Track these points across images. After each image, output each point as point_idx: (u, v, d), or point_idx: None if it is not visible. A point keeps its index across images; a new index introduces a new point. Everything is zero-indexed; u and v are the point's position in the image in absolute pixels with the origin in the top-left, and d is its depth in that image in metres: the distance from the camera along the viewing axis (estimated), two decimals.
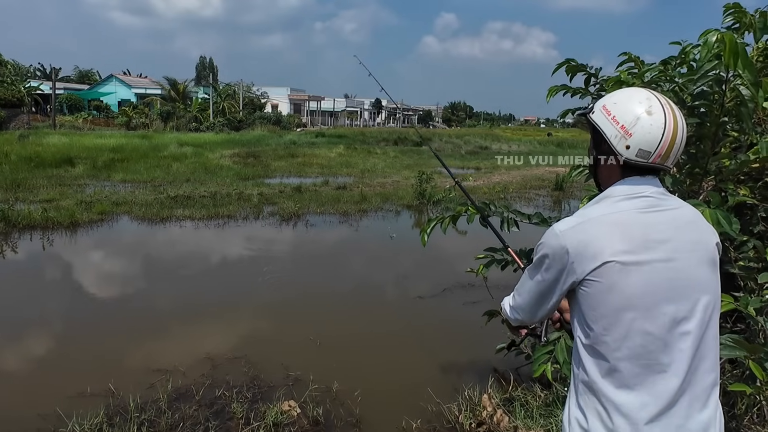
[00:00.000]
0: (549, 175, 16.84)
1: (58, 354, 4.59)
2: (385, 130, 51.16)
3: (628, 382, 1.23)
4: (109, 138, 23.98)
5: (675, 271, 1.24)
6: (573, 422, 1.32)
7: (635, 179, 1.31)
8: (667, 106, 1.28)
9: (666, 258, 1.24)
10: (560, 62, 3.57)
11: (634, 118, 1.27)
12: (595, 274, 1.24)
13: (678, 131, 1.27)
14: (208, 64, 76.68)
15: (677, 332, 1.23)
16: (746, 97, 2.09)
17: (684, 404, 1.23)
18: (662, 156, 1.27)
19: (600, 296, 1.25)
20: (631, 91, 1.35)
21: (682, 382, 1.22)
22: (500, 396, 3.54)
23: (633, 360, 1.22)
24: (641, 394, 1.22)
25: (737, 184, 2.84)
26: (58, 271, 6.95)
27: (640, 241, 1.24)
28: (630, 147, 1.28)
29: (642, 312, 1.22)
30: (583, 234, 1.27)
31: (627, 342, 1.22)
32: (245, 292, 6.15)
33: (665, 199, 1.31)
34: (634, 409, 1.22)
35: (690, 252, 1.27)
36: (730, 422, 2.78)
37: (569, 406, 1.36)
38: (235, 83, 48.14)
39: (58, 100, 37.26)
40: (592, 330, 1.27)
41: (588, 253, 1.25)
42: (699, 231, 1.31)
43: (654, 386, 1.22)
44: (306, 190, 12.89)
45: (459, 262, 6.76)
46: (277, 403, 3.57)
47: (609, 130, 1.31)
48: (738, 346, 2.04)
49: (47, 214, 8.86)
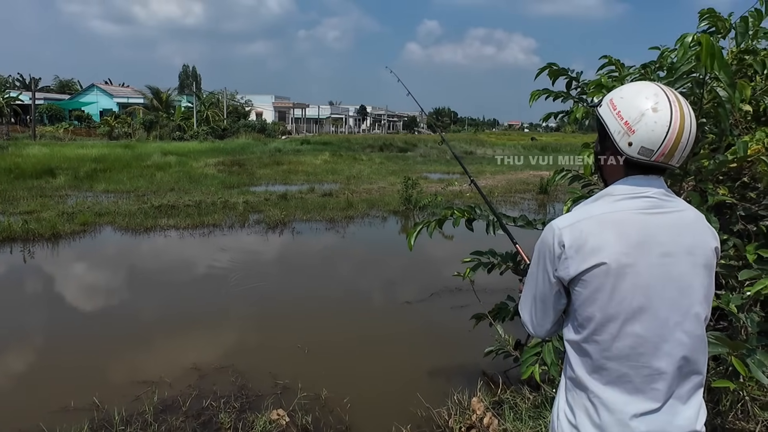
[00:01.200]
0: (533, 179, 16.97)
1: (40, 368, 4.49)
2: (370, 136, 51.30)
3: (616, 381, 1.24)
4: (91, 148, 23.66)
5: (670, 275, 1.23)
6: (561, 417, 1.33)
7: (638, 178, 1.28)
8: (676, 104, 1.23)
9: (662, 262, 1.23)
10: (542, 67, 3.61)
11: (639, 115, 1.23)
12: (589, 274, 1.23)
13: (684, 130, 1.22)
14: (191, 72, 76.22)
15: (668, 336, 1.23)
16: (723, 98, 2.14)
17: (670, 402, 1.24)
18: (666, 155, 1.23)
19: (593, 296, 1.24)
20: (641, 85, 1.30)
21: (669, 384, 1.23)
22: (489, 399, 3.54)
23: (622, 360, 1.23)
24: (628, 392, 1.23)
25: (716, 184, 2.89)
26: (39, 283, 6.82)
27: (637, 244, 1.22)
28: (632, 144, 1.24)
29: (634, 315, 1.22)
30: (580, 232, 1.25)
31: (617, 343, 1.23)
32: (232, 300, 6.09)
33: (667, 201, 1.28)
34: (620, 406, 1.23)
35: (686, 256, 1.25)
36: (714, 419, 2.82)
37: (558, 401, 1.37)
38: (219, 91, 47.87)
39: (38, 110, 36.74)
40: (583, 329, 1.27)
41: (584, 252, 1.23)
42: (698, 235, 1.29)
43: (642, 386, 1.23)
44: (292, 198, 12.84)
45: (446, 266, 6.77)
46: (266, 412, 3.53)
47: (613, 125, 1.28)
48: (720, 343, 2.08)
49: (28, 225, 8.70)
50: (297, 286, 6.77)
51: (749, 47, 2.97)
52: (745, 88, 2.14)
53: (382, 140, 39.17)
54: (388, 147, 34.26)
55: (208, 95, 47.06)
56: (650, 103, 1.23)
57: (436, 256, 8.22)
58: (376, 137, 46.37)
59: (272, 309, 5.91)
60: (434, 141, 43.29)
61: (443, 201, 12.04)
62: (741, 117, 3.34)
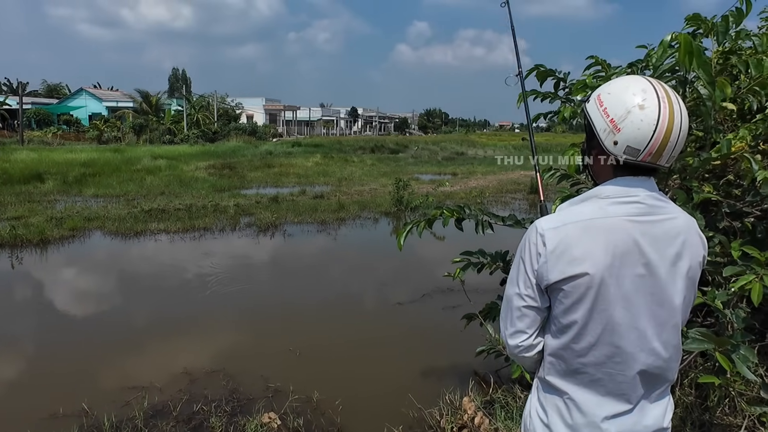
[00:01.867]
0: (524, 179, 17.05)
1: (28, 375, 4.44)
2: (361, 138, 51.25)
3: (589, 384, 1.24)
4: (80, 152, 23.46)
5: (652, 287, 1.20)
6: (534, 416, 1.34)
7: (628, 180, 1.22)
8: (665, 99, 1.16)
9: (646, 273, 1.20)
10: (530, 68, 3.63)
11: (625, 112, 1.16)
12: (571, 284, 1.20)
13: (674, 128, 1.15)
14: (181, 75, 75.77)
15: (645, 346, 1.22)
16: (704, 96, 2.16)
17: (640, 404, 1.25)
18: (653, 155, 1.17)
19: (574, 306, 1.21)
20: (629, 80, 1.22)
21: (641, 388, 1.24)
22: (481, 399, 3.55)
23: (598, 366, 1.23)
24: (601, 395, 1.24)
25: (702, 181, 2.92)
26: (27, 289, 6.75)
27: (622, 254, 1.18)
28: (618, 143, 1.18)
29: (614, 326, 1.20)
30: (564, 236, 1.20)
31: (594, 351, 1.22)
32: (222, 304, 6.06)
33: (658, 207, 1.22)
34: (592, 408, 1.24)
35: (671, 267, 1.21)
36: (703, 414, 2.84)
37: (531, 401, 1.37)
38: (209, 94, 47.67)
39: (25, 114, 36.35)
40: (562, 334, 1.26)
41: (566, 259, 1.19)
42: (686, 246, 1.23)
43: (614, 390, 1.23)
44: (283, 200, 12.80)
45: (438, 267, 6.78)
46: (257, 415, 3.52)
47: (599, 123, 1.21)
48: (706, 339, 2.10)
49: (16, 231, 8.62)
50: (288, 288, 6.75)
51: (734, 47, 3.00)
52: (726, 86, 2.16)
53: (374, 142, 39.15)
54: (379, 148, 34.26)
55: (198, 98, 46.83)
56: (637, 100, 1.16)
57: (428, 257, 8.23)
58: (368, 139, 46.34)
59: (263, 312, 5.89)
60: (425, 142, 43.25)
61: (434, 202, 12.07)
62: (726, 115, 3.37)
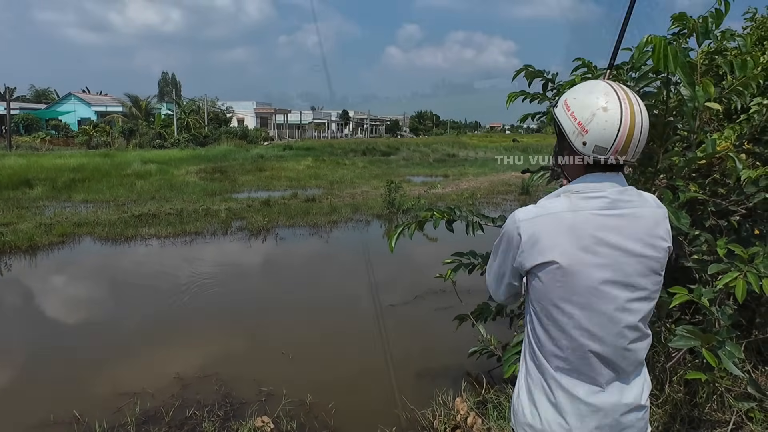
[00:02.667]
0: (515, 180, 17.13)
1: (19, 382, 4.40)
2: (353, 141, 51.26)
3: (567, 367, 1.34)
4: (69, 158, 23.25)
5: (617, 275, 1.29)
6: (523, 396, 1.44)
7: (596, 176, 1.32)
8: (626, 101, 1.26)
9: (610, 263, 1.29)
10: (518, 69, 3.66)
11: (590, 115, 1.27)
12: (541, 270, 1.31)
13: (636, 125, 1.26)
14: (170, 79, 75.54)
15: (612, 329, 1.31)
16: (686, 96, 2.20)
17: (615, 385, 1.35)
18: (619, 151, 1.27)
19: (544, 290, 1.32)
20: (591, 85, 1.34)
21: (612, 370, 1.33)
22: (473, 399, 3.56)
23: (571, 351, 1.32)
24: (576, 377, 1.34)
25: (688, 180, 2.96)
26: (17, 296, 6.68)
27: (588, 245, 1.28)
28: (587, 143, 1.29)
29: (581, 310, 1.30)
30: (537, 227, 1.31)
31: (566, 334, 1.32)
32: (215, 308, 6.04)
33: (624, 201, 1.32)
34: (572, 388, 1.34)
35: (635, 257, 1.30)
36: (692, 411, 2.88)
37: (519, 381, 1.48)
38: (200, 98, 47.46)
39: (13, 120, 36.05)
40: (538, 318, 1.37)
41: (537, 248, 1.30)
42: (649, 236, 1.33)
43: (588, 372, 1.33)
44: (275, 204, 12.77)
45: (429, 269, 6.79)
46: (250, 419, 3.51)
47: (568, 125, 1.32)
48: (693, 336, 2.13)
49: (4, 238, 8.54)
50: (281, 292, 6.74)
51: (720, 47, 3.05)
52: (709, 86, 2.19)
53: (365, 144, 39.15)
54: (371, 151, 34.26)
55: (189, 102, 46.55)
56: (601, 102, 1.27)
57: (420, 259, 8.25)
58: (359, 141, 46.37)
59: (255, 316, 5.88)
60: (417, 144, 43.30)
61: (426, 204, 12.10)
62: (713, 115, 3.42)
